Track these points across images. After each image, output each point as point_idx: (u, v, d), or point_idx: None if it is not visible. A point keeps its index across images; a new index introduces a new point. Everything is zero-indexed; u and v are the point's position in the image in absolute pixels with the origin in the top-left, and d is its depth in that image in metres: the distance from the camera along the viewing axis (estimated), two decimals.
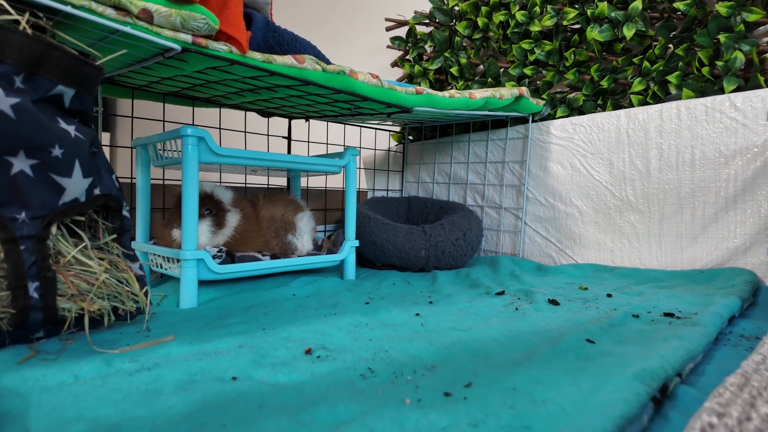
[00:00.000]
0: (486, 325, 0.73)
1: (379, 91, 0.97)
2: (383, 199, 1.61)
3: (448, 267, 1.33)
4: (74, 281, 0.59)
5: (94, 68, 0.61)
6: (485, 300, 0.92)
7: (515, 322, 0.74)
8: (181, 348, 0.63)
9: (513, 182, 1.49)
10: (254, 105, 1.22)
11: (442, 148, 1.69)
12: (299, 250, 1.12)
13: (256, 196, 1.13)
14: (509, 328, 0.71)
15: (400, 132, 1.82)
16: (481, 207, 1.58)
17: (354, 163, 1.18)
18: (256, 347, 0.63)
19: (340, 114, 1.25)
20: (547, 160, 1.41)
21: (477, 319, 0.78)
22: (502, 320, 0.77)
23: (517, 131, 1.48)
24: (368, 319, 0.78)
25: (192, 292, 0.92)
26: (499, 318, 0.79)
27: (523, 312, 0.82)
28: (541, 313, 0.81)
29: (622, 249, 1.29)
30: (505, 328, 0.71)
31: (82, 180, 0.60)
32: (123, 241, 0.71)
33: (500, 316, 0.80)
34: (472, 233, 1.34)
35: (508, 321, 0.76)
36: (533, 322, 0.75)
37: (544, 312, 0.83)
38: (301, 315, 0.82)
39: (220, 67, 0.81)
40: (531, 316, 0.78)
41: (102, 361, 0.57)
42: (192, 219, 0.92)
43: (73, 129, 0.59)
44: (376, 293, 1.02)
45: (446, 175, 1.68)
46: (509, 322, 0.75)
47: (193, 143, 0.91)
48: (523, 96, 1.30)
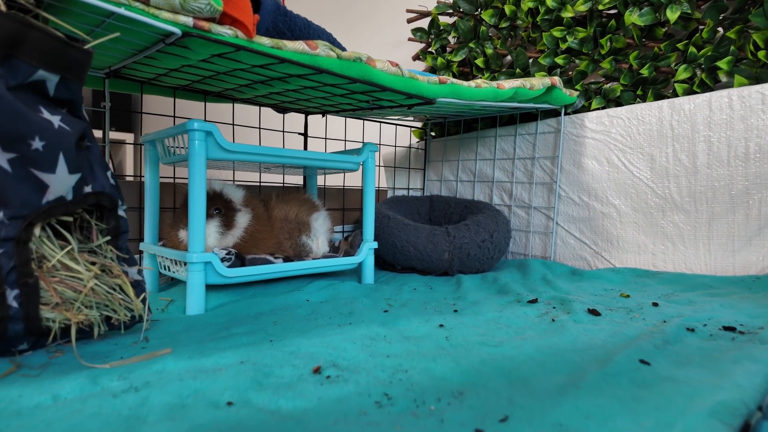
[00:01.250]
0: (520, 339, 0.65)
1: (398, 80, 0.89)
2: (404, 198, 1.53)
3: (473, 271, 1.24)
4: (58, 288, 0.53)
5: (82, 52, 0.55)
6: (516, 309, 0.83)
7: (553, 337, 0.66)
8: (178, 363, 0.56)
9: (543, 180, 1.39)
10: (268, 99, 1.16)
11: (467, 144, 1.61)
12: (314, 252, 1.05)
13: (269, 195, 1.06)
14: (547, 343, 0.63)
15: (421, 128, 1.74)
16: (509, 206, 1.48)
17: (373, 160, 1.11)
18: (260, 363, 0.56)
19: (358, 108, 1.18)
20: (582, 156, 1.31)
21: (509, 332, 0.70)
22: (538, 334, 0.68)
23: (548, 125, 1.38)
24: (386, 330, 0.70)
25: (199, 298, 0.86)
26: (535, 331, 0.70)
27: (560, 324, 0.73)
28: (581, 326, 0.72)
29: (665, 252, 1.18)
30: (542, 343, 0.62)
31: (68, 176, 0.54)
32: (119, 244, 0.65)
33: (535, 328, 0.72)
34: (499, 234, 1.25)
35: (545, 335, 0.67)
36: (574, 336, 0.66)
37: (585, 324, 0.74)
38: (313, 324, 0.74)
39: (225, 54, 0.75)
40: (571, 329, 0.69)
41: (88, 379, 0.51)
42: (199, 219, 0.86)
43: (58, 119, 0.53)
44: (396, 300, 0.94)
45: (471, 173, 1.59)
46: (547, 337, 0.66)
47: (200, 138, 0.85)
48: (555, 86, 1.20)
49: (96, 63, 0.95)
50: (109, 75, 1.02)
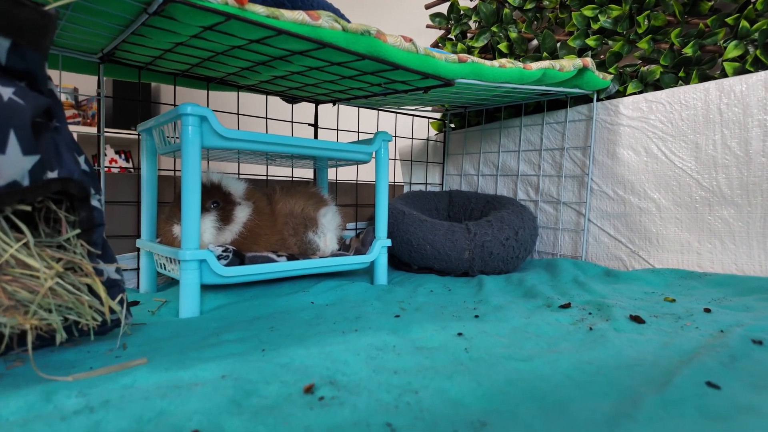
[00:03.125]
0: (553, 352, 0.55)
1: (412, 57, 0.80)
2: (421, 193, 1.44)
3: (496, 271, 1.14)
4: (8, 288, 0.45)
5: (37, 13, 0.47)
6: (547, 315, 0.73)
7: (593, 350, 0.55)
8: (151, 376, 0.48)
9: (574, 172, 1.28)
10: (273, 85, 1.08)
11: (489, 135, 1.50)
12: (321, 250, 0.96)
13: (273, 188, 0.98)
14: (586, 358, 0.52)
15: (440, 119, 1.64)
16: (535, 202, 1.37)
17: (386, 150, 1.02)
18: (244, 379, 0.48)
19: (370, 94, 1.09)
20: (616, 145, 1.19)
21: (539, 343, 0.59)
22: (575, 345, 0.58)
23: (579, 112, 1.26)
24: (396, 339, 0.61)
25: (193, 299, 0.78)
26: (570, 342, 0.60)
27: (600, 333, 0.62)
28: (624, 336, 0.61)
29: (713, 251, 1.06)
30: (580, 358, 0.52)
31: (22, 158, 0.46)
32: (93, 238, 0.57)
33: (571, 339, 0.61)
34: (525, 232, 1.14)
35: (583, 347, 0.57)
36: (618, 349, 0.56)
37: (629, 333, 0.63)
38: (313, 331, 0.66)
39: (216, 26, 0.67)
40: (613, 341, 0.59)
41: (41, 395, 0.43)
42: (193, 213, 0.78)
43: (10, 92, 0.46)
44: (410, 303, 0.84)
45: (493, 166, 1.49)
46: (585, 349, 0.56)
47: (194, 124, 0.77)
48: (587, 68, 1.09)
49: (87, 45, 0.88)
50: (103, 60, 0.95)
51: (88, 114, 3.26)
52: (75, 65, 0.96)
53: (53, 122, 0.56)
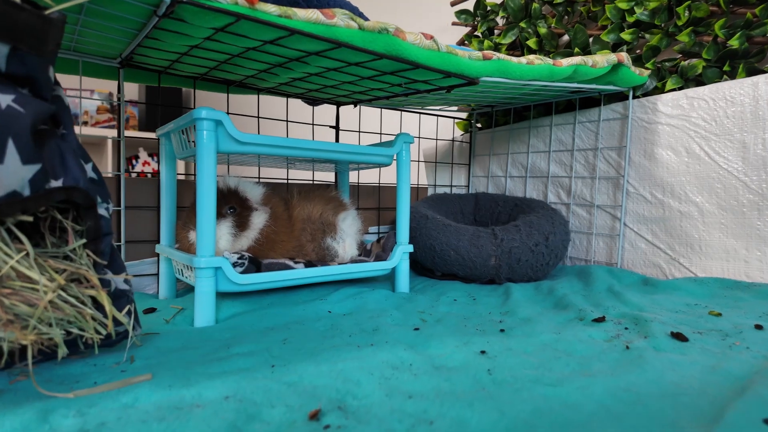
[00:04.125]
0: (586, 376, 0.50)
1: (433, 55, 0.76)
2: (445, 196, 1.39)
3: (524, 279, 1.08)
4: (6, 302, 0.44)
5: (38, 18, 0.45)
6: (579, 329, 0.68)
7: (631, 373, 0.50)
8: (153, 394, 0.46)
9: (608, 174, 1.21)
10: (293, 87, 1.05)
11: (517, 135, 1.44)
12: (340, 256, 0.93)
13: (290, 193, 0.95)
14: (623, 383, 0.47)
15: (466, 119, 1.59)
16: (567, 205, 1.31)
17: (407, 152, 0.98)
18: (248, 400, 0.45)
19: (392, 94, 1.05)
20: (654, 145, 1.11)
21: (570, 363, 0.55)
22: (609, 367, 0.53)
23: (614, 110, 1.19)
24: (414, 355, 0.57)
25: (208, 307, 0.76)
26: (604, 363, 0.55)
27: (637, 353, 0.57)
28: (665, 356, 0.56)
29: (762, 259, 0.98)
30: (616, 383, 0.47)
31: (21, 167, 0.45)
32: (100, 248, 0.56)
33: (605, 358, 0.56)
34: (555, 237, 1.08)
35: (619, 369, 0.52)
36: (658, 372, 0.50)
37: (669, 353, 0.57)
38: (327, 344, 0.62)
39: (227, 27, 0.64)
40: (652, 362, 0.53)
41: (38, 414, 0.42)
42: (208, 219, 0.76)
43: (9, 99, 0.44)
44: (431, 313, 0.80)
45: (522, 167, 1.43)
46: (621, 372, 0.50)
47: (209, 128, 0.75)
48: (622, 64, 1.02)
49: (106, 50, 0.88)
50: (123, 64, 0.94)
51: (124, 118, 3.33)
52: (96, 70, 0.96)
53: (60, 129, 0.55)
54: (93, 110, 3.25)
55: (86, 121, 3.14)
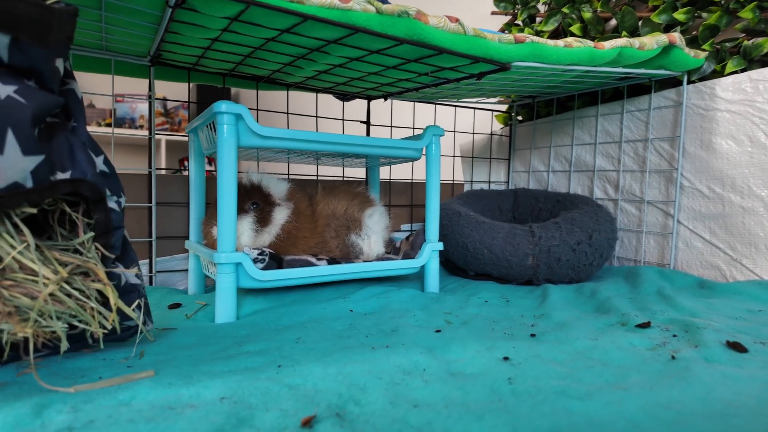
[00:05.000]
0: (620, 388, 0.44)
1: (459, 39, 0.71)
2: (481, 192, 1.33)
3: (565, 280, 1.01)
4: (6, 293, 0.43)
5: (36, 7, 0.45)
6: (619, 336, 0.61)
7: (674, 387, 0.44)
8: (151, 392, 0.45)
9: (660, 166, 1.11)
10: (318, 81, 1.03)
11: (561, 128, 1.36)
12: (365, 253, 0.90)
13: (315, 188, 0.93)
14: (664, 399, 0.41)
15: (506, 111, 1.51)
16: (615, 201, 1.21)
17: (437, 146, 0.93)
18: (243, 402, 0.42)
19: (420, 84, 1.01)
20: (713, 134, 1.01)
21: (604, 374, 0.49)
22: (649, 380, 0.46)
23: (666, 97, 1.10)
24: (430, 360, 0.52)
25: (228, 303, 0.75)
26: (644, 374, 0.48)
27: (685, 365, 0.50)
28: (718, 369, 0.49)
29: None
30: (655, 399, 0.41)
31: (22, 158, 0.44)
32: (111, 241, 0.55)
33: (645, 369, 0.50)
34: (600, 235, 1.00)
35: (661, 383, 0.45)
36: (707, 388, 0.44)
37: (724, 366, 0.50)
38: (341, 345, 0.59)
39: (239, 16, 0.63)
40: (701, 375, 0.46)
41: (33, 409, 0.41)
42: (229, 215, 0.75)
43: (11, 90, 0.44)
44: (458, 315, 0.76)
45: (566, 161, 1.34)
46: (662, 386, 0.44)
47: (229, 122, 0.74)
48: (674, 45, 0.93)
49: (134, 48, 0.89)
50: (153, 62, 0.96)
51: (176, 121, 3.47)
52: (127, 69, 0.98)
53: (71, 122, 0.54)
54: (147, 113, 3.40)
55: (141, 125, 3.29)
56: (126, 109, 3.28)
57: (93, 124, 3.18)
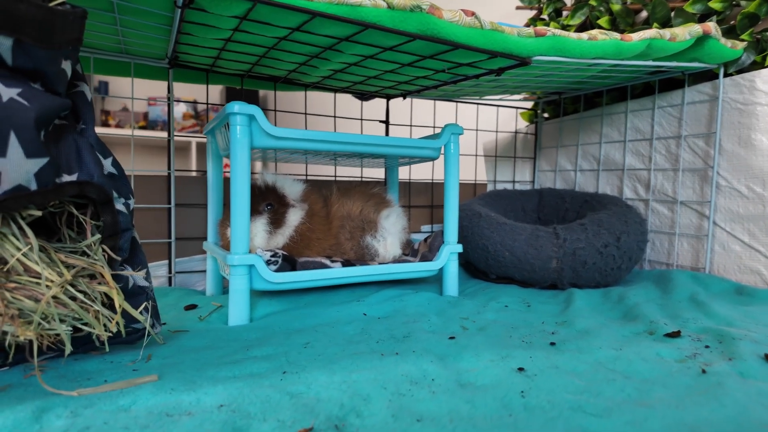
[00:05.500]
0: (642, 405, 0.41)
1: (475, 33, 0.68)
2: (505, 192, 1.29)
3: (591, 284, 0.96)
4: (9, 296, 0.43)
5: (38, 9, 0.44)
6: (646, 346, 0.57)
7: (703, 405, 0.40)
8: (153, 397, 0.44)
9: (694, 165, 1.05)
10: (335, 80, 1.02)
11: (588, 125, 1.31)
12: (380, 255, 0.88)
13: (330, 189, 0.92)
14: (690, 419, 0.38)
15: (531, 108, 1.47)
16: (646, 201, 1.16)
17: (456, 145, 0.91)
18: (241, 411, 0.41)
19: (439, 82, 0.98)
20: (752, 130, 0.95)
21: (626, 388, 0.45)
22: (676, 396, 0.43)
23: (700, 92, 1.04)
24: (440, 369, 0.50)
25: (241, 306, 0.75)
26: (670, 390, 0.45)
27: (717, 379, 0.46)
28: (753, 385, 0.45)
29: None
30: (680, 418, 0.38)
31: (25, 161, 0.44)
32: (118, 243, 0.55)
33: (672, 384, 0.46)
34: (629, 237, 0.95)
35: (688, 399, 0.42)
36: (741, 406, 0.40)
37: (760, 382, 0.46)
38: (350, 351, 0.58)
39: (248, 15, 0.62)
40: (734, 392, 0.42)
41: (33, 412, 0.41)
42: (242, 216, 0.74)
43: (14, 93, 0.44)
44: (475, 320, 0.73)
45: (593, 160, 1.29)
46: (690, 404, 0.41)
47: (242, 123, 0.73)
48: (709, 36, 0.87)
49: (152, 51, 0.89)
50: (171, 65, 0.96)
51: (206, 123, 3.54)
52: (147, 72, 0.99)
53: (79, 124, 0.55)
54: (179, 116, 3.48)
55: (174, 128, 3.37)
56: (158, 111, 3.36)
57: (126, 127, 3.28)
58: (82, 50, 0.89)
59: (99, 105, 3.24)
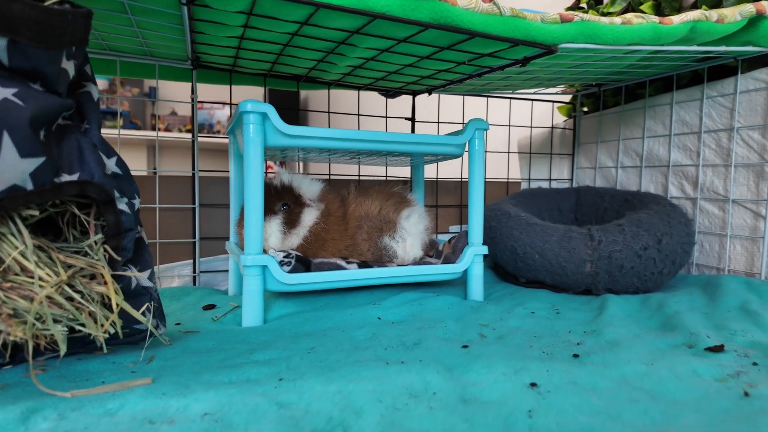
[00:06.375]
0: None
1: (493, 20, 0.64)
2: (539, 191, 1.23)
3: (630, 290, 0.89)
4: (2, 296, 0.43)
5: (32, 8, 0.44)
6: (682, 361, 0.51)
7: None
8: (142, 401, 0.43)
9: (748, 160, 0.95)
10: (356, 77, 1.00)
11: (630, 118, 1.22)
12: (399, 257, 0.85)
13: (348, 188, 0.89)
14: None
15: (569, 102, 1.39)
16: (693, 200, 1.07)
17: (481, 141, 0.86)
18: (225, 420, 0.39)
19: (464, 75, 0.94)
20: None
21: (650, 410, 0.40)
22: (710, 423, 0.37)
23: (756, 79, 0.94)
24: (444, 381, 0.46)
25: (255, 307, 0.74)
26: (704, 415, 0.39)
27: (761, 405, 0.40)
28: None
29: None
30: None
31: (20, 160, 0.44)
32: (122, 244, 0.54)
33: (707, 408, 0.40)
34: (672, 239, 0.88)
35: (724, 427, 0.36)
36: None
37: None
38: (354, 357, 0.55)
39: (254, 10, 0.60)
40: None
41: (22, 413, 0.40)
42: (256, 216, 0.73)
43: (10, 93, 0.44)
44: (495, 327, 0.68)
45: (636, 156, 1.20)
46: None
47: (255, 122, 0.72)
48: (764, 16, 0.79)
49: (174, 53, 0.90)
50: (194, 66, 0.97)
51: None
52: (172, 73, 1.00)
53: (84, 124, 0.55)
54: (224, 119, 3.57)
55: (218, 131, 3.46)
56: (205, 115, 3.47)
57: (174, 130, 3.39)
58: (108, 54, 0.90)
59: (149, 109, 3.37)
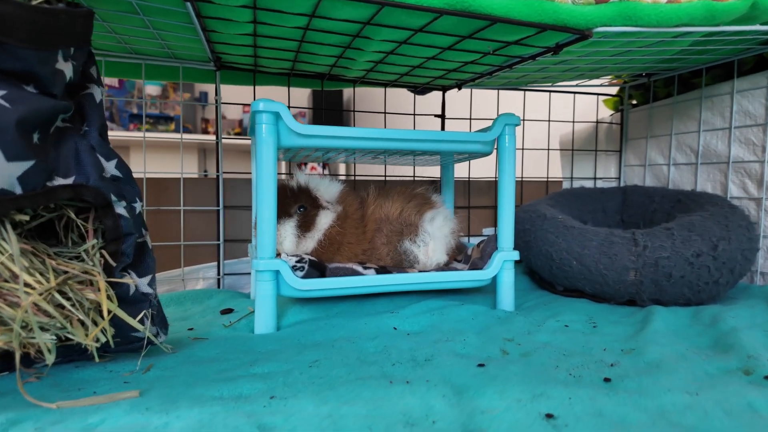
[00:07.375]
0: None
1: (516, 3, 0.57)
2: (581, 191, 1.14)
3: (680, 301, 0.80)
4: None
5: (18, 8, 0.43)
6: (734, 391, 0.43)
7: None
8: (122, 418, 0.41)
9: None
10: (380, 74, 0.96)
11: (684, 110, 1.11)
12: (421, 262, 0.80)
13: (368, 190, 0.85)
14: None
15: (616, 95, 1.29)
16: (758, 200, 0.95)
17: (512, 137, 0.79)
18: None
19: (493, 67, 0.87)
20: None
21: None
22: None
23: None
24: (448, 407, 0.41)
25: (267, 313, 0.71)
26: None
27: None
28: None
29: None
30: None
31: (6, 164, 0.43)
32: (121, 248, 0.53)
33: None
34: (730, 245, 0.78)
35: None
36: None
37: None
38: (357, 374, 0.51)
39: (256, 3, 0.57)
40: None
41: (2, 425, 0.39)
42: (268, 219, 0.71)
43: None
44: (521, 343, 0.62)
45: (691, 152, 1.09)
46: None
47: (268, 122, 0.69)
48: None
49: (196, 54, 0.89)
50: (218, 67, 0.96)
51: None
52: (197, 75, 0.99)
53: (84, 126, 0.53)
54: None
55: None
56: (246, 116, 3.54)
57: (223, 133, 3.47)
58: (134, 57, 0.91)
59: (200, 113, 3.46)
